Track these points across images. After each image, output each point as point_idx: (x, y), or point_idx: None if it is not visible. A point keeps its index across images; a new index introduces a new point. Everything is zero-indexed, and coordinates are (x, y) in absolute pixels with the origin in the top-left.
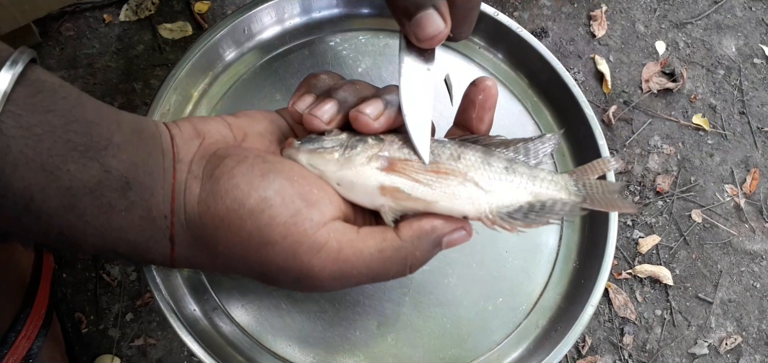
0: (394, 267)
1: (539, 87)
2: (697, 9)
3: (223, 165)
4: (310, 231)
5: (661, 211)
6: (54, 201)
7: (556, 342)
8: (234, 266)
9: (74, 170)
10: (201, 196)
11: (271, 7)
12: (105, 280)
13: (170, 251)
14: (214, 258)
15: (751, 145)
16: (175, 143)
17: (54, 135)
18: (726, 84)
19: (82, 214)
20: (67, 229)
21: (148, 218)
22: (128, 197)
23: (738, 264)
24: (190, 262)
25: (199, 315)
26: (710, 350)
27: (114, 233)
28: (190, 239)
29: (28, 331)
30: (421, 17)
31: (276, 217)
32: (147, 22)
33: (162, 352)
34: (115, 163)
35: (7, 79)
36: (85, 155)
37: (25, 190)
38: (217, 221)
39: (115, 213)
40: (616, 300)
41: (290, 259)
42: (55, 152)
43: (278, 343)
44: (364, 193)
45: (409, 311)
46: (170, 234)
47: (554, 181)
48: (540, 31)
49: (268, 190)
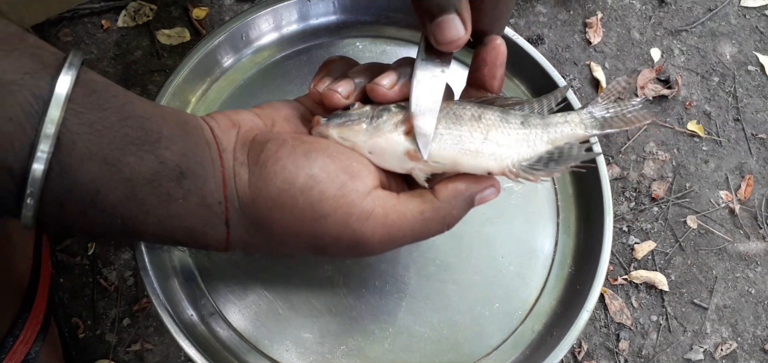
0: (435, 226)
1: (535, 94)
2: (692, 16)
3: (266, 150)
4: (357, 201)
5: (657, 217)
6: (117, 192)
7: (552, 347)
8: (288, 242)
9: (133, 162)
10: (251, 181)
11: (269, 13)
12: (102, 285)
13: (226, 235)
14: (269, 237)
15: (746, 152)
16: (216, 134)
17: (112, 130)
18: (721, 91)
19: (143, 203)
20: (129, 219)
21: (204, 205)
22: (183, 186)
23: (733, 270)
24: (245, 243)
25: (196, 320)
26: (706, 356)
27: (173, 221)
28: (245, 222)
29: (26, 335)
30: (443, 21)
31: (325, 192)
32: (145, 28)
33: (159, 358)
34: (169, 154)
35: (68, 80)
36: (142, 148)
37: (91, 182)
38: (270, 202)
39: (173, 202)
40: (611, 306)
41: (343, 229)
42: (114, 146)
43: (275, 348)
44: (395, 159)
45: (405, 316)
46: (225, 219)
47: (568, 121)
48: (536, 38)
49: (313, 167)
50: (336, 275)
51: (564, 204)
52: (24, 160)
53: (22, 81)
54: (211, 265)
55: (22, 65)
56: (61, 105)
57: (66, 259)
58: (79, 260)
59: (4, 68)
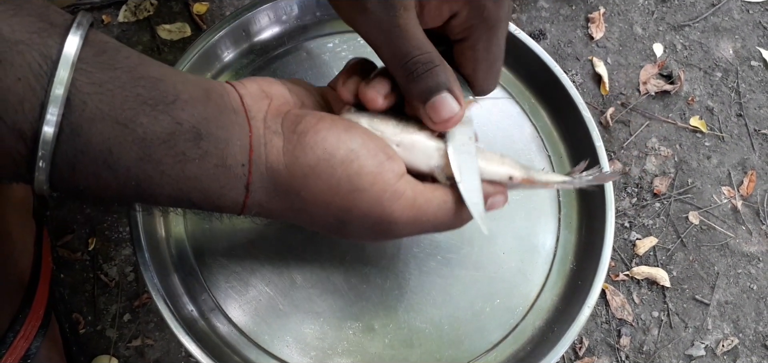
0: (455, 219)
1: (537, 89)
2: (695, 11)
3: (305, 122)
4: (392, 181)
5: (659, 213)
6: (131, 153)
7: (553, 343)
8: (312, 212)
9: (147, 123)
10: (287, 148)
11: (270, 8)
12: (103, 281)
13: (244, 198)
14: (292, 205)
15: (748, 148)
16: (245, 102)
17: (124, 90)
18: (723, 86)
19: (158, 163)
20: (143, 181)
21: (223, 166)
22: (201, 146)
23: (735, 266)
24: (261, 207)
25: (196, 315)
26: (707, 352)
27: (189, 182)
28: (270, 187)
29: (26, 331)
30: (436, 101)
31: (364, 167)
32: (146, 23)
33: (159, 353)
34: (185, 115)
35: (76, 40)
36: (156, 108)
37: (104, 143)
38: (306, 170)
39: (189, 162)
40: (613, 301)
41: (375, 205)
42: (127, 106)
43: (275, 344)
44: (421, 155)
45: (406, 312)
46: (247, 182)
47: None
48: (538, 33)
49: (353, 142)
50: (336, 271)
51: (565, 199)
52: (34, 121)
53: (30, 41)
54: (212, 260)
55: (29, 25)
56: (69, 65)
57: (66, 255)
58: (80, 256)
59: (11, 27)
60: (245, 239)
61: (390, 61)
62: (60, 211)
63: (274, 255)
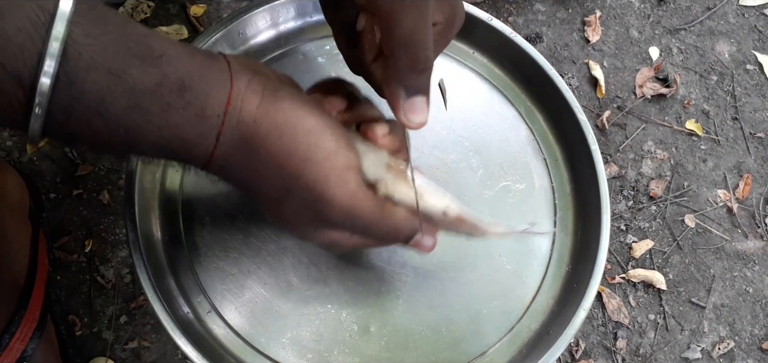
0: (385, 226)
1: (533, 92)
2: (691, 15)
3: (285, 89)
4: (342, 166)
5: (655, 216)
6: (122, 101)
7: (549, 345)
8: (264, 174)
9: (136, 74)
10: (262, 105)
11: (266, 11)
12: (99, 283)
13: (213, 147)
14: (250, 161)
15: (744, 151)
16: (231, 66)
17: (116, 44)
18: (719, 90)
19: (145, 112)
20: (131, 128)
21: (202, 116)
22: (184, 97)
23: (731, 269)
24: (225, 160)
25: (192, 318)
26: (703, 355)
27: (170, 130)
28: (237, 139)
29: (22, 333)
30: (417, 101)
31: (323, 142)
32: (142, 25)
33: (156, 355)
34: (172, 69)
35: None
36: (144, 61)
37: (98, 92)
38: (271, 127)
39: (173, 110)
40: (609, 304)
41: (321, 181)
42: (118, 58)
43: (272, 346)
44: (373, 164)
45: (402, 314)
46: (219, 131)
47: None
48: (534, 36)
49: (323, 120)
50: (332, 273)
51: (561, 202)
52: (33, 70)
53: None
54: (208, 262)
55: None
56: (67, 17)
57: (63, 257)
58: (76, 257)
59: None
60: (241, 241)
61: (401, 39)
62: (56, 213)
63: (270, 257)
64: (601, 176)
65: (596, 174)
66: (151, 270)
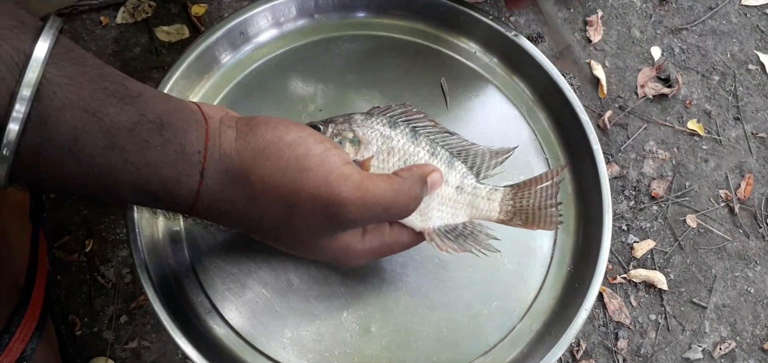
0: (402, 198)
1: (534, 91)
2: (693, 15)
3: (257, 118)
4: (338, 163)
5: (656, 216)
6: (97, 141)
7: (550, 346)
8: (262, 201)
9: (113, 113)
10: (239, 136)
11: (268, 10)
12: (99, 283)
13: (198, 184)
14: (243, 192)
15: (746, 151)
16: (203, 109)
17: (93, 83)
18: (721, 90)
19: (122, 150)
20: (106, 168)
21: (182, 153)
22: (163, 135)
23: (732, 269)
24: (213, 197)
25: (192, 317)
26: (704, 355)
27: (149, 169)
28: (222, 173)
29: (22, 332)
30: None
31: (311, 149)
32: (144, 24)
33: (156, 355)
34: (149, 108)
35: (49, 38)
36: (122, 100)
37: (70, 132)
38: (255, 152)
39: (151, 149)
40: (610, 304)
41: (323, 185)
42: (95, 97)
43: (272, 346)
44: None
45: (403, 314)
46: (202, 167)
47: (491, 199)
48: (536, 35)
49: (302, 131)
50: (333, 273)
51: (563, 202)
52: (3, 110)
53: (3, 35)
54: (208, 262)
55: (2, 21)
56: (42, 59)
57: (63, 257)
58: (77, 257)
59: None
60: (242, 241)
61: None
62: (57, 213)
63: (270, 257)
64: (603, 177)
65: (598, 174)
66: (152, 269)
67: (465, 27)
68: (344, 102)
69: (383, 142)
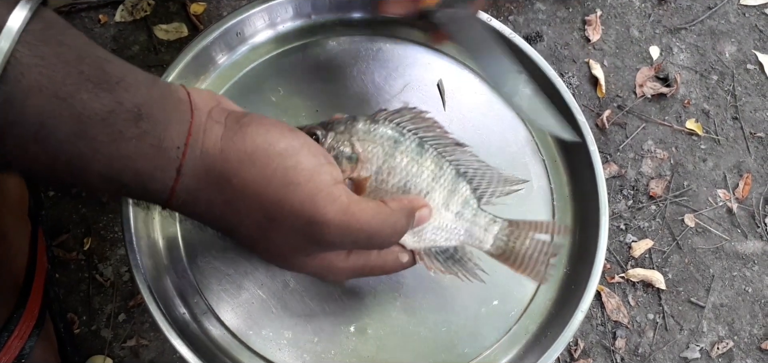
0: (387, 229)
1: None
2: (692, 14)
3: (250, 117)
4: (328, 182)
5: (654, 216)
6: (65, 128)
7: (547, 347)
8: (241, 206)
9: (87, 99)
10: (225, 135)
11: (264, 10)
12: (98, 281)
13: (174, 181)
14: (222, 193)
15: (744, 151)
16: (192, 97)
17: (68, 66)
18: (719, 89)
19: (92, 140)
20: (75, 157)
21: (159, 147)
22: (140, 126)
23: (730, 268)
24: (189, 195)
25: (188, 318)
26: (702, 354)
27: (122, 161)
28: (201, 172)
29: (21, 330)
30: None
31: (302, 162)
32: (142, 23)
33: (154, 353)
34: (128, 96)
35: (24, 12)
36: (98, 86)
37: (37, 116)
38: (242, 155)
39: (124, 141)
40: (608, 304)
41: (307, 203)
42: (68, 82)
43: (268, 347)
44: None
45: (399, 315)
46: (179, 164)
47: (487, 230)
48: (535, 35)
49: (295, 140)
50: None
51: (560, 204)
52: None
53: None
54: (204, 263)
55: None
56: (11, 37)
57: (62, 255)
58: (75, 255)
59: None
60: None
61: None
62: (55, 211)
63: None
64: (600, 178)
65: (595, 176)
66: (148, 270)
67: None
68: (341, 102)
69: (384, 160)
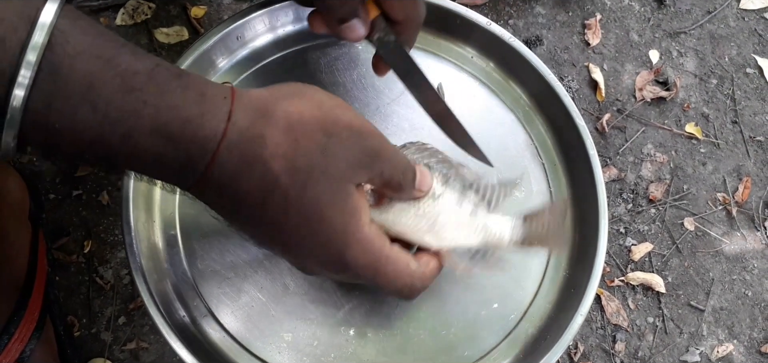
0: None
1: (531, 96)
2: (691, 19)
3: None
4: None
5: (654, 219)
6: (113, 83)
7: (546, 350)
8: (296, 131)
9: (129, 60)
10: (269, 90)
11: (265, 14)
12: (98, 284)
13: (225, 125)
14: (275, 125)
15: (744, 154)
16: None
17: (105, 35)
18: (719, 93)
19: (140, 92)
20: (125, 112)
21: (205, 95)
22: (182, 80)
23: (730, 272)
24: (241, 135)
25: (188, 321)
26: (702, 358)
27: (170, 112)
28: (251, 110)
29: (21, 333)
30: (351, 24)
31: (347, 112)
32: (143, 26)
33: (154, 357)
34: (166, 62)
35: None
36: (136, 53)
37: (85, 77)
38: (290, 91)
39: (170, 92)
40: (608, 307)
41: (359, 118)
42: (109, 46)
43: (268, 350)
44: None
45: (399, 318)
46: (230, 109)
47: (503, 226)
48: (535, 39)
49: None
50: None
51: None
52: (14, 59)
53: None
54: (204, 266)
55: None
56: (55, 9)
57: (62, 258)
58: (75, 258)
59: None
60: (238, 245)
61: None
62: (56, 214)
63: (266, 260)
64: (600, 183)
65: (594, 180)
66: (148, 273)
67: (461, 31)
68: None
69: None
